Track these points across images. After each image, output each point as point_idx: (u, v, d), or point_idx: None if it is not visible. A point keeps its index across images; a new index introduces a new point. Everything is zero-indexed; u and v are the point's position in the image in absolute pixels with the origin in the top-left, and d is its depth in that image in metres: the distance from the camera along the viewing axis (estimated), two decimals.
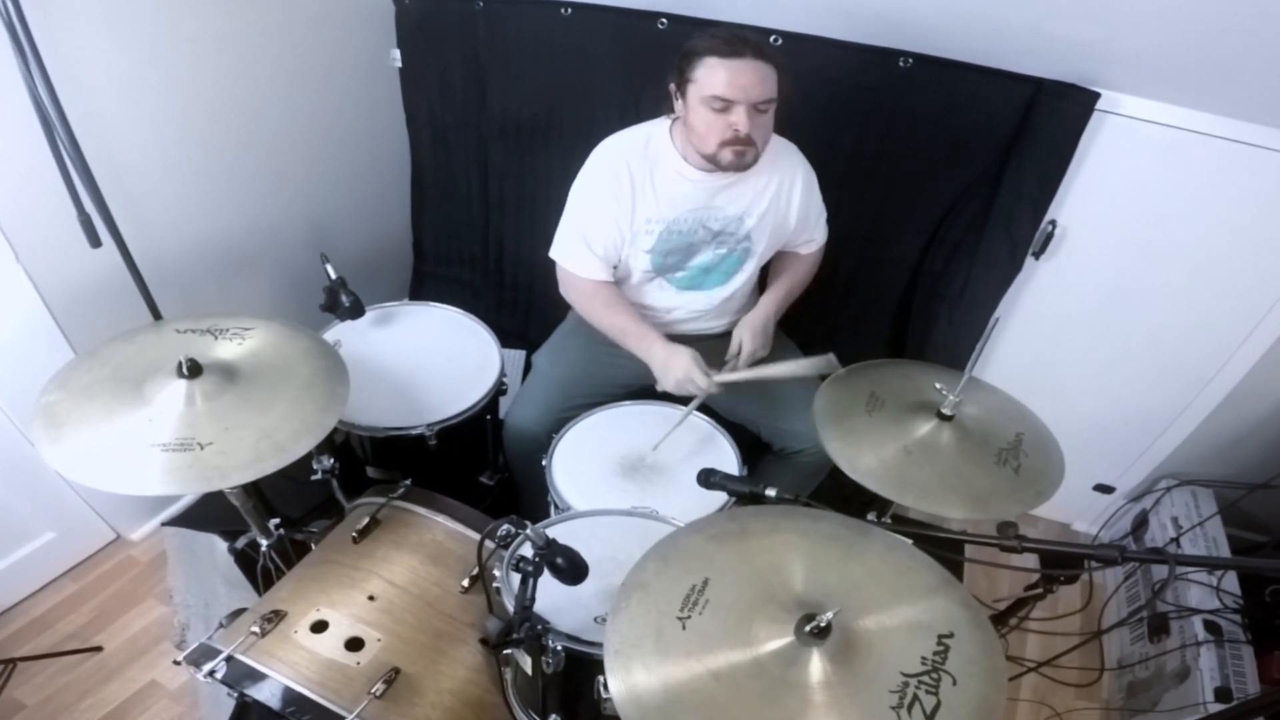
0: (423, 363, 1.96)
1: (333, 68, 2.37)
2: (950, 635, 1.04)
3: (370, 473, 1.94)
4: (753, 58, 1.55)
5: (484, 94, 2.51)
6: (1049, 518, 2.69)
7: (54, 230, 1.72)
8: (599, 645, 1.09)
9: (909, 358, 2.38)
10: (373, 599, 1.38)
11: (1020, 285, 2.18)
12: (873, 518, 1.63)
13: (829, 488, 1.97)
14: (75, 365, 1.43)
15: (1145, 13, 1.62)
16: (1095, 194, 1.98)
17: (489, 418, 2.00)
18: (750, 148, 1.63)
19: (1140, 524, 2.33)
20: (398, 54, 2.56)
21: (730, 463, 1.75)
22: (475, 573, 1.44)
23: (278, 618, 1.32)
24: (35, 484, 1.97)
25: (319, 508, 1.90)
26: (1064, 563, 1.26)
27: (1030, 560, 1.25)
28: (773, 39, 2.00)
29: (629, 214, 1.77)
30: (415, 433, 1.78)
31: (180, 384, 1.35)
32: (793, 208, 1.85)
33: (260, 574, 1.73)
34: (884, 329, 2.46)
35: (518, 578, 1.17)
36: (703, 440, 1.81)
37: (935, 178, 2.13)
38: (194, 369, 1.36)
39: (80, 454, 1.26)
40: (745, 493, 1.34)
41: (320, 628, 1.31)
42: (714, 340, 1.95)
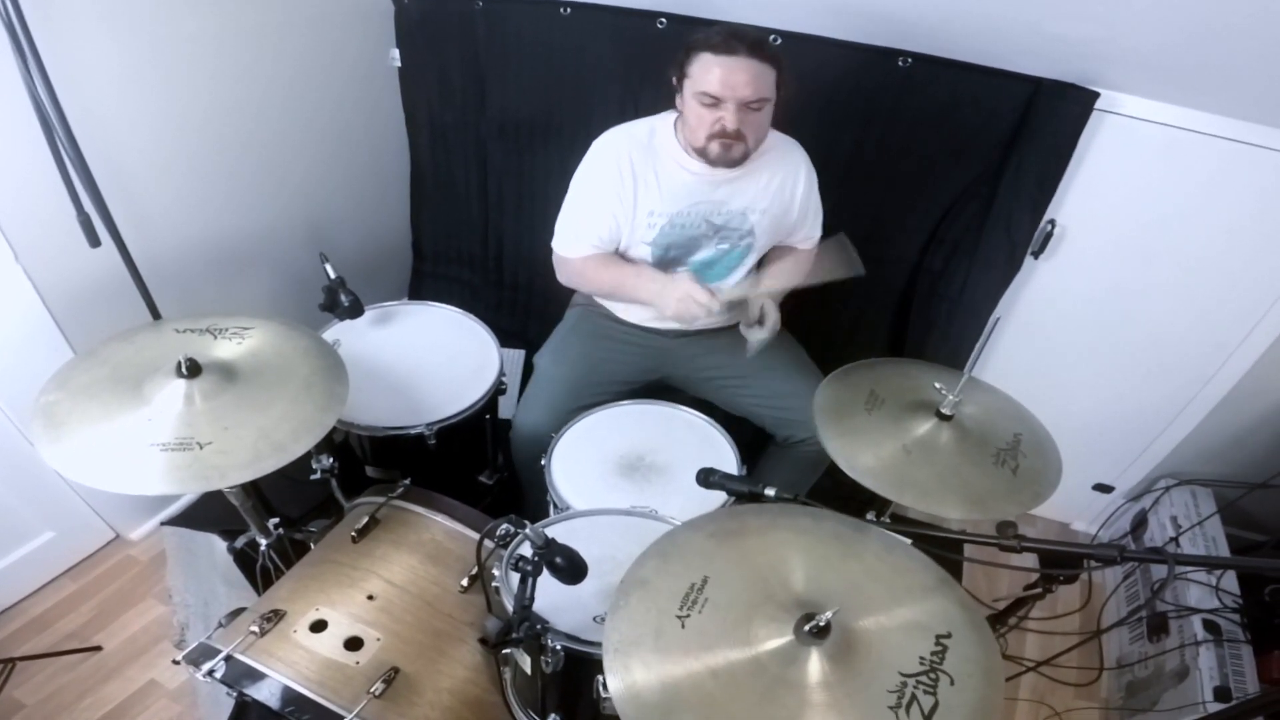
0: (422, 362, 1.96)
1: (332, 67, 2.37)
2: (948, 635, 1.04)
3: (369, 472, 1.94)
4: (747, 56, 1.56)
5: (483, 93, 2.51)
6: (1048, 517, 2.69)
7: (53, 230, 1.72)
8: (598, 644, 1.09)
9: (909, 357, 2.37)
10: (372, 598, 1.38)
11: (1019, 285, 2.18)
12: (871, 517, 1.63)
13: (828, 487, 1.97)
14: (74, 365, 1.43)
15: (1144, 12, 1.62)
16: (1094, 193, 1.99)
17: (488, 417, 2.00)
18: (738, 143, 1.64)
19: (1139, 523, 2.33)
20: (397, 53, 2.56)
21: (729, 462, 1.75)
22: (474, 572, 1.44)
23: (277, 617, 1.32)
24: (34, 483, 1.97)
25: (318, 507, 1.90)
26: (1063, 562, 1.26)
27: (1029, 560, 1.25)
28: (772, 38, 2.00)
29: (630, 207, 1.77)
30: (414, 432, 1.78)
31: (179, 383, 1.35)
32: (795, 204, 1.85)
33: (259, 573, 1.73)
34: (883, 328, 2.46)
35: (517, 577, 1.17)
36: (702, 440, 1.82)
37: (935, 177, 2.13)
38: (193, 368, 1.36)
39: (79, 453, 1.26)
40: (744, 492, 1.34)
41: (319, 627, 1.31)
42: (716, 333, 1.96)
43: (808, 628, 0.98)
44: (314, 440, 1.35)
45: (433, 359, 1.98)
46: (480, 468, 2.12)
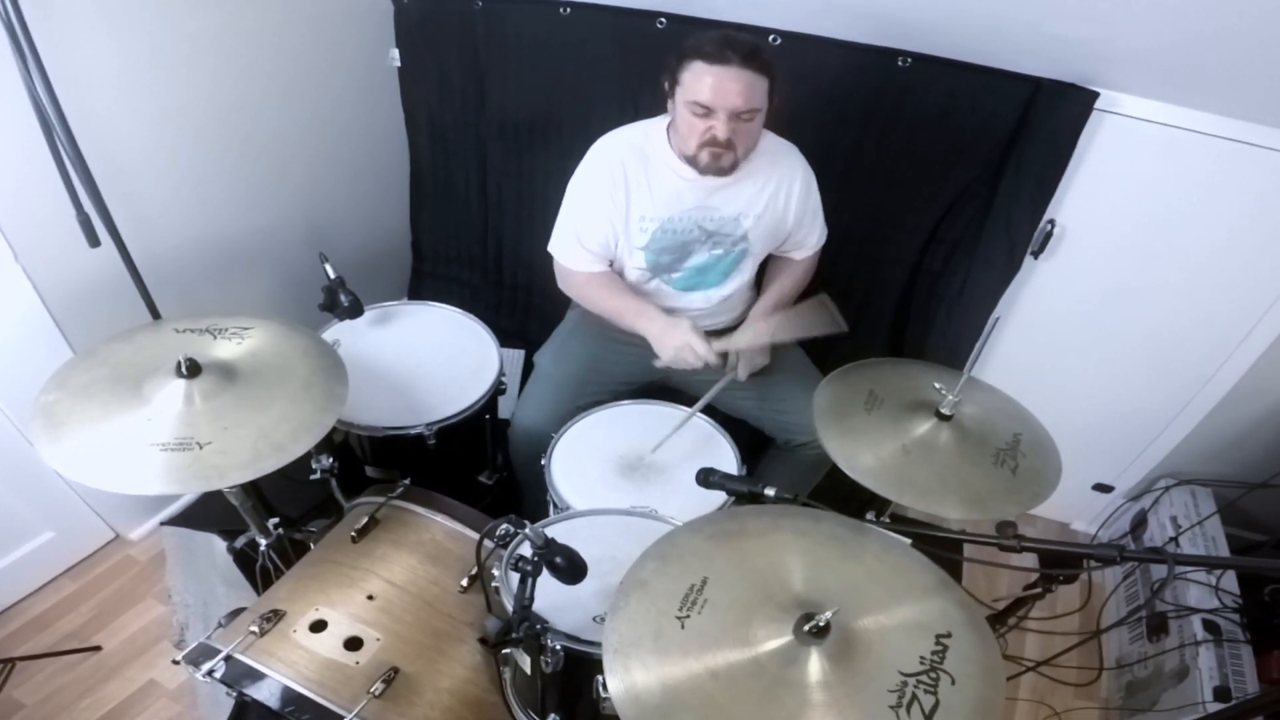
0: (422, 362, 1.96)
1: (332, 67, 2.36)
2: (948, 635, 1.04)
3: (369, 472, 1.94)
4: (739, 66, 1.54)
5: (483, 93, 2.51)
6: (1048, 517, 2.69)
7: (53, 230, 1.71)
8: (598, 645, 1.09)
9: (908, 357, 2.38)
10: (372, 598, 1.38)
11: (1019, 285, 2.18)
12: (871, 517, 1.63)
13: (827, 487, 1.97)
14: (74, 365, 1.43)
15: (1144, 12, 1.62)
16: (1094, 193, 1.99)
17: (488, 417, 2.00)
18: (728, 152, 1.64)
19: (1139, 523, 2.33)
20: (396, 53, 2.56)
21: (729, 462, 1.75)
22: (474, 572, 1.44)
23: (276, 617, 1.31)
24: (34, 483, 1.97)
25: (318, 507, 1.90)
26: (1063, 562, 1.26)
27: (1029, 560, 1.25)
28: (771, 38, 2.01)
29: (623, 211, 1.77)
30: (414, 432, 1.78)
31: (179, 383, 1.35)
32: (790, 209, 1.85)
33: (259, 573, 1.73)
34: (883, 328, 2.46)
35: (517, 577, 1.17)
36: (702, 440, 1.81)
37: (934, 177, 2.13)
38: (193, 368, 1.36)
39: (79, 453, 1.26)
40: (744, 492, 1.34)
41: (319, 627, 1.31)
42: (715, 336, 1.96)
43: (807, 628, 0.98)
44: (314, 440, 1.35)
45: (432, 359, 1.98)
46: (480, 468, 2.12)
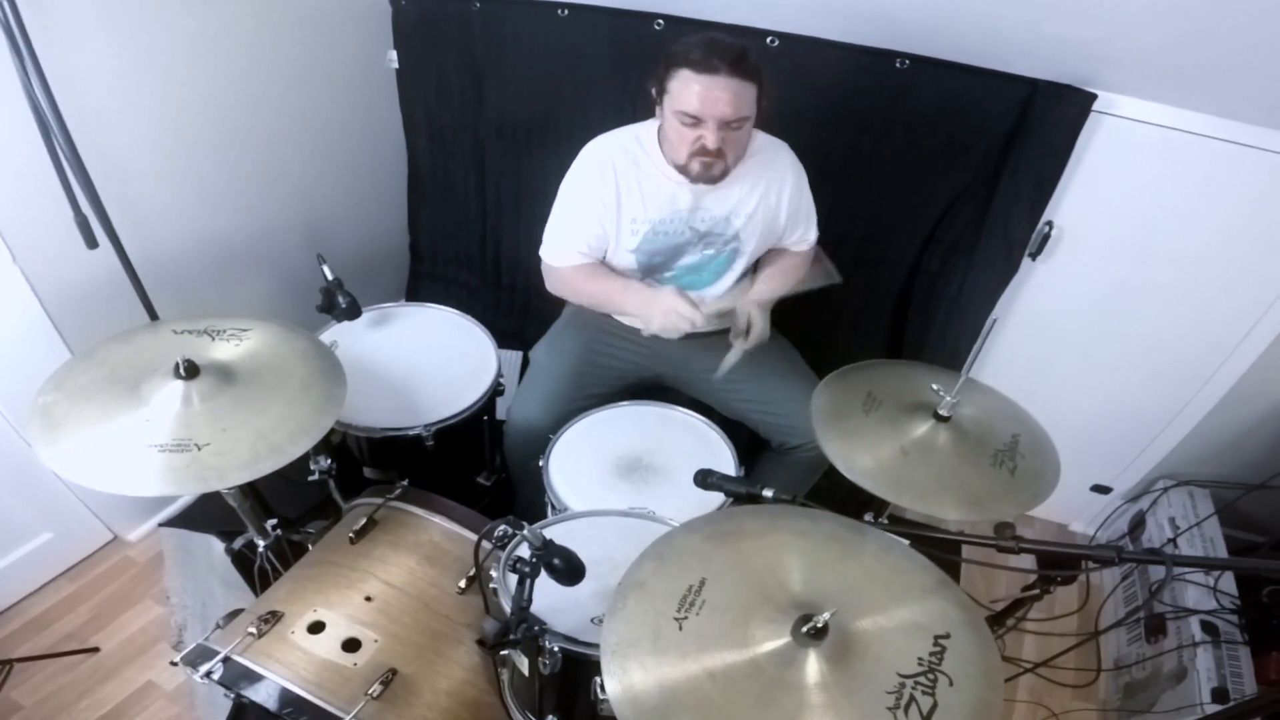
0: (420, 363, 1.96)
1: (330, 68, 2.36)
2: (947, 636, 1.04)
3: (367, 473, 1.94)
4: (727, 75, 1.53)
5: (481, 95, 2.51)
6: (1046, 518, 2.69)
7: (50, 231, 1.71)
8: (596, 646, 1.08)
9: (906, 358, 2.38)
10: (370, 600, 1.38)
11: (1017, 286, 2.18)
12: (869, 518, 1.63)
13: (825, 488, 1.97)
14: (72, 366, 1.42)
15: (1141, 14, 1.63)
16: (1092, 195, 1.99)
17: (486, 418, 2.00)
18: (719, 160, 1.65)
19: (1137, 524, 2.34)
20: (394, 55, 2.55)
21: (727, 463, 1.75)
22: (472, 574, 1.44)
23: (275, 618, 1.31)
24: (32, 485, 1.97)
25: (316, 508, 1.90)
26: (1061, 563, 1.26)
27: (1027, 561, 1.26)
28: (769, 40, 2.01)
29: (614, 214, 1.77)
30: (412, 433, 1.78)
31: (177, 385, 1.35)
32: (782, 207, 1.84)
33: (257, 575, 1.73)
34: (881, 329, 2.46)
35: (515, 579, 1.17)
36: (699, 441, 1.82)
37: (932, 178, 2.13)
38: (191, 370, 1.35)
39: (77, 454, 1.26)
40: (742, 493, 1.34)
41: (317, 628, 1.31)
42: (710, 336, 1.96)
43: (805, 629, 0.98)
44: (312, 441, 1.35)
45: (430, 360, 1.98)
46: (478, 469, 2.12)
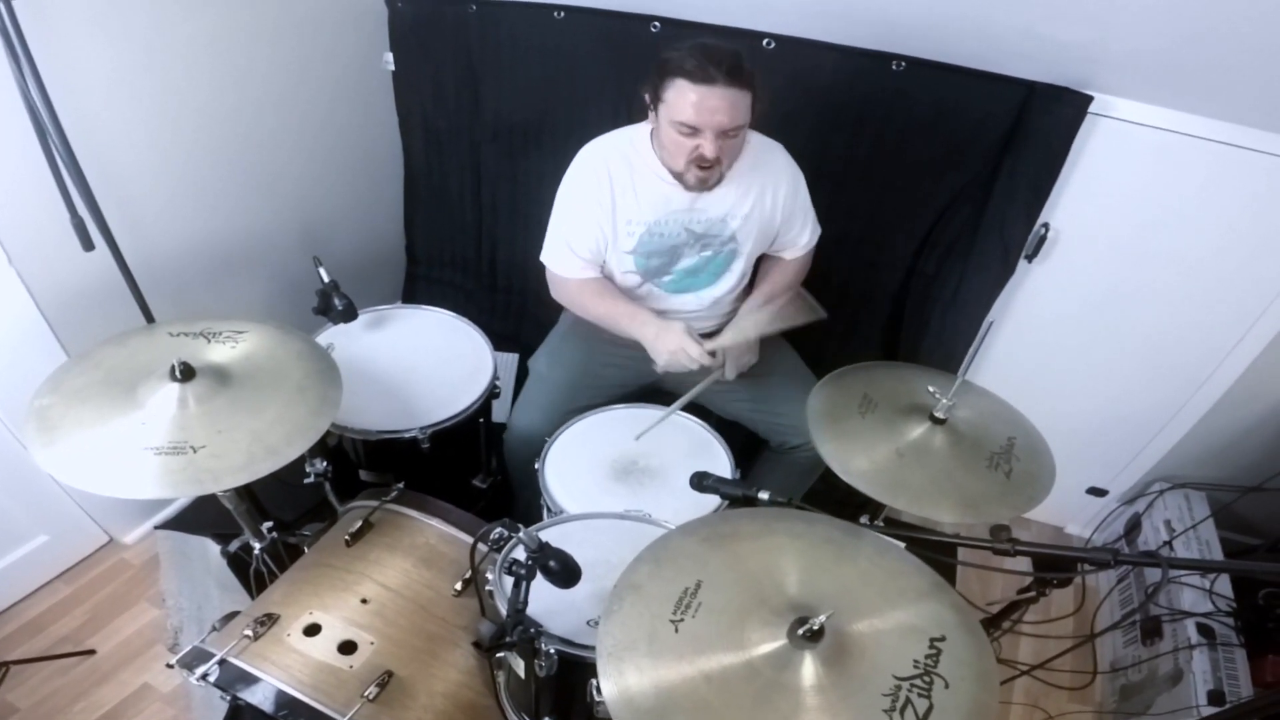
0: (416, 366, 1.96)
1: (326, 71, 2.37)
2: (942, 638, 1.04)
3: (363, 476, 1.94)
4: (723, 85, 1.53)
5: (477, 97, 2.51)
6: (1042, 521, 2.69)
7: (47, 233, 1.71)
8: (592, 648, 1.08)
9: (902, 360, 2.38)
10: (365, 602, 1.38)
11: (1013, 288, 2.18)
12: (865, 521, 1.63)
13: (821, 490, 1.97)
14: (68, 368, 1.42)
15: (1138, 16, 1.63)
16: (1088, 197, 1.99)
17: (482, 421, 1.99)
18: (715, 168, 1.66)
19: (1133, 527, 2.34)
20: (390, 57, 2.56)
21: (723, 466, 1.75)
22: (468, 576, 1.44)
23: (270, 621, 1.31)
24: (28, 487, 1.96)
25: (312, 511, 1.90)
26: (1057, 566, 1.26)
27: (1023, 563, 1.26)
28: (765, 42, 2.01)
29: (610, 216, 1.78)
30: (408, 436, 1.78)
31: (173, 387, 1.35)
32: (778, 208, 1.85)
33: (253, 577, 1.73)
34: (877, 331, 2.46)
35: (510, 581, 1.17)
36: (695, 443, 1.81)
37: (929, 180, 2.13)
38: (187, 372, 1.35)
39: (73, 457, 1.26)
40: (738, 495, 1.34)
41: (313, 631, 1.31)
42: (709, 337, 1.96)
43: (801, 631, 0.98)
44: (308, 444, 1.35)
45: (426, 363, 1.98)
46: (474, 471, 2.12)
